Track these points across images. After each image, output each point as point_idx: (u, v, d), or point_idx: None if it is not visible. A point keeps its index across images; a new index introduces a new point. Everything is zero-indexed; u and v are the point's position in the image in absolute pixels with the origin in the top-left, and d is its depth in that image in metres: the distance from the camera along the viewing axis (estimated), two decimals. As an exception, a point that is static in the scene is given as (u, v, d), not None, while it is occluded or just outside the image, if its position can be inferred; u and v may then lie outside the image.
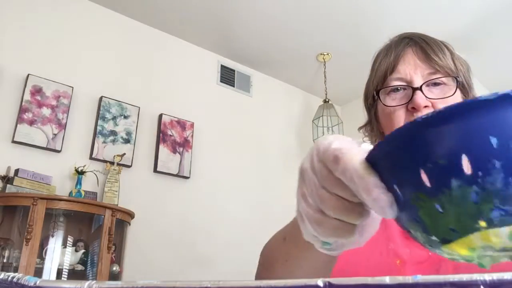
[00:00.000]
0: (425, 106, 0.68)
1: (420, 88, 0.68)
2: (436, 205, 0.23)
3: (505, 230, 0.22)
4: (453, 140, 0.22)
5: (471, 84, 0.76)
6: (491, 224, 0.22)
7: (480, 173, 0.21)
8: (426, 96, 0.68)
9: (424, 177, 0.23)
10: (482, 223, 0.22)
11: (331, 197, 0.32)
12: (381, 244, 0.62)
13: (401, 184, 0.26)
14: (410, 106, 0.69)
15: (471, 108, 0.21)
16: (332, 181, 0.32)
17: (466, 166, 0.21)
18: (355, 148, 0.31)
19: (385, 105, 0.72)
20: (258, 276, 0.65)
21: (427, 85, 0.69)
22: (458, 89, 0.70)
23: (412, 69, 0.70)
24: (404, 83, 0.71)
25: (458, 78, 0.70)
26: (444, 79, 0.70)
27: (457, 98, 0.71)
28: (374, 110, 0.79)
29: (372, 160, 0.28)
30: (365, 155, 0.29)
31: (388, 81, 0.72)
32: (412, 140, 0.24)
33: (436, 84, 0.70)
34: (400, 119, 0.70)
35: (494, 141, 0.21)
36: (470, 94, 0.75)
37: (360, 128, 0.86)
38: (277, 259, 0.58)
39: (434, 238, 0.25)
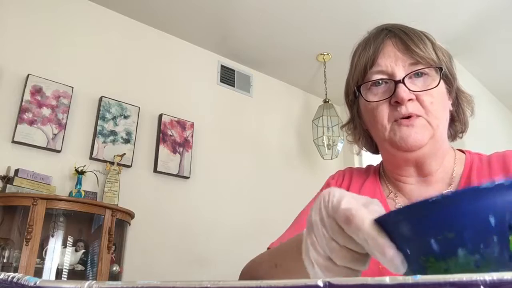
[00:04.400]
0: (409, 100, 0.65)
1: (402, 81, 0.65)
2: (444, 267, 0.28)
3: None
4: (460, 218, 0.27)
5: (454, 74, 0.73)
6: None
7: (482, 245, 0.27)
8: (409, 89, 0.65)
9: (434, 245, 0.28)
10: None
11: (341, 249, 0.35)
12: None
13: (412, 248, 0.31)
14: (393, 100, 0.66)
15: (475, 194, 0.27)
16: (343, 237, 0.35)
17: (470, 239, 0.27)
18: (363, 209, 0.34)
19: (367, 100, 0.70)
20: None
21: (410, 77, 0.66)
22: (441, 80, 0.67)
23: (392, 61, 0.68)
24: (385, 76, 0.68)
25: (441, 69, 0.68)
26: (426, 70, 0.67)
27: (441, 89, 0.68)
28: (356, 106, 0.76)
29: (380, 222, 0.33)
30: (372, 216, 0.33)
31: (368, 75, 0.69)
32: (425, 216, 0.29)
33: (418, 75, 0.67)
34: (384, 114, 0.68)
35: (492, 220, 0.26)
36: (454, 85, 0.73)
37: (342, 126, 0.84)
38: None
39: None
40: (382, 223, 0.32)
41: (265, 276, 0.59)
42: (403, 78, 0.66)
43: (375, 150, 0.81)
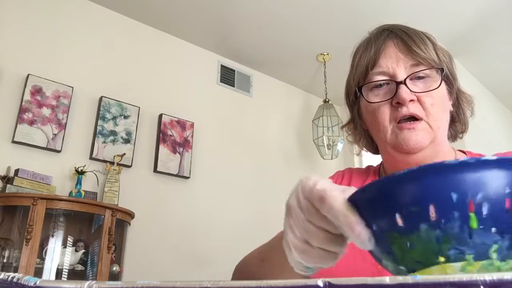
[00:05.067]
0: (411, 100, 0.65)
1: (404, 82, 0.65)
2: (407, 242, 0.29)
3: (458, 264, 0.28)
4: (424, 194, 0.28)
5: (454, 74, 0.73)
6: (448, 259, 0.28)
7: (443, 220, 0.27)
8: (410, 90, 0.65)
9: (399, 220, 0.29)
10: (442, 259, 0.28)
11: (317, 230, 0.36)
12: (363, 251, 0.62)
13: (378, 224, 0.32)
14: (395, 101, 0.66)
15: (439, 169, 0.28)
16: (318, 217, 0.36)
17: (432, 214, 0.28)
18: (337, 189, 0.36)
19: (368, 101, 0.69)
20: None
21: (411, 78, 0.66)
22: (442, 81, 0.67)
23: (394, 62, 0.67)
24: (386, 78, 0.68)
25: (442, 70, 0.67)
26: (427, 71, 0.67)
27: (442, 90, 0.68)
28: (356, 107, 0.76)
29: (352, 200, 0.34)
30: (346, 195, 0.34)
31: (370, 76, 0.69)
32: (391, 191, 0.30)
33: (419, 77, 0.67)
34: (385, 115, 0.67)
35: (454, 196, 0.27)
36: (455, 85, 0.72)
37: (343, 126, 0.84)
38: (254, 278, 0.59)
39: (402, 268, 0.31)
40: (354, 202, 0.34)
41: (254, 271, 0.60)
42: (405, 79, 0.66)
43: (375, 150, 0.81)
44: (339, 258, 0.38)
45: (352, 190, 0.36)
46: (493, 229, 0.26)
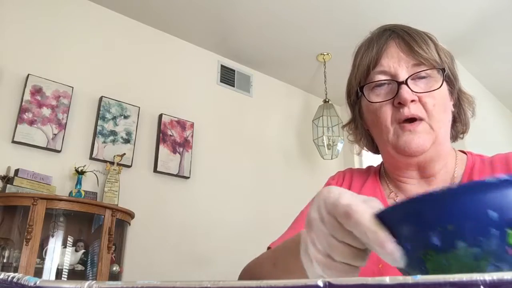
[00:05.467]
0: (412, 101, 0.65)
1: (405, 82, 0.65)
2: (443, 260, 0.29)
3: None
4: (461, 212, 0.28)
5: (456, 75, 0.73)
6: None
7: (481, 238, 0.27)
8: (412, 90, 0.65)
9: (434, 238, 0.29)
10: None
11: (340, 245, 0.35)
12: None
13: (411, 242, 0.31)
14: (396, 101, 0.66)
15: (476, 188, 0.28)
16: (342, 232, 0.35)
17: (470, 232, 0.28)
18: (363, 204, 0.34)
19: (370, 101, 0.69)
20: None
21: (412, 78, 0.66)
22: (444, 81, 0.67)
23: (396, 62, 0.67)
24: (388, 77, 0.68)
25: (444, 70, 0.67)
26: (429, 71, 0.67)
27: (444, 90, 0.68)
28: (358, 107, 0.76)
29: (380, 217, 0.33)
30: (372, 210, 0.33)
31: (371, 76, 0.69)
32: (425, 210, 0.29)
33: (421, 77, 0.67)
34: (387, 115, 0.67)
35: (492, 214, 0.27)
36: (456, 86, 0.72)
37: (344, 126, 0.84)
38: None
39: None
40: (381, 217, 0.33)
41: (265, 276, 0.59)
42: (406, 79, 0.66)
43: (376, 150, 0.81)
44: (359, 271, 0.37)
45: (375, 201, 0.36)
46: None
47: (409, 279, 0.21)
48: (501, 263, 0.27)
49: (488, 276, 0.20)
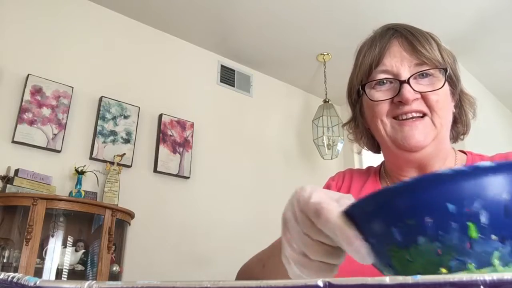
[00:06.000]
0: (414, 99, 0.65)
1: (407, 81, 0.65)
2: (406, 255, 0.29)
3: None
4: (420, 206, 0.27)
5: (458, 76, 0.72)
6: (450, 270, 0.27)
7: (441, 232, 0.27)
8: (414, 89, 0.65)
9: (396, 233, 0.29)
10: (443, 270, 0.27)
11: (314, 243, 0.35)
12: None
13: (376, 238, 0.31)
14: (397, 99, 0.66)
15: (433, 180, 0.27)
16: (314, 230, 0.35)
17: (429, 226, 0.27)
18: (333, 203, 0.34)
19: (371, 99, 0.69)
20: None
21: (414, 78, 0.66)
22: (446, 82, 0.67)
23: (398, 61, 0.67)
24: (390, 76, 0.68)
25: (446, 70, 0.67)
26: (431, 71, 0.67)
27: (446, 90, 0.68)
28: (359, 105, 0.76)
29: (349, 214, 0.33)
30: (341, 208, 0.33)
31: (373, 75, 0.69)
32: (386, 204, 0.29)
33: (423, 75, 0.67)
34: (384, 109, 0.68)
35: (451, 207, 0.26)
36: (458, 86, 0.72)
37: (344, 124, 0.84)
38: None
39: None
40: (350, 215, 0.33)
41: (256, 277, 0.60)
42: (409, 79, 0.65)
43: (376, 149, 0.81)
44: (337, 269, 0.37)
45: (348, 199, 0.36)
46: (493, 236, 0.26)
47: (409, 279, 0.21)
48: (464, 257, 0.26)
49: (488, 276, 0.20)
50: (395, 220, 0.28)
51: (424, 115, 0.66)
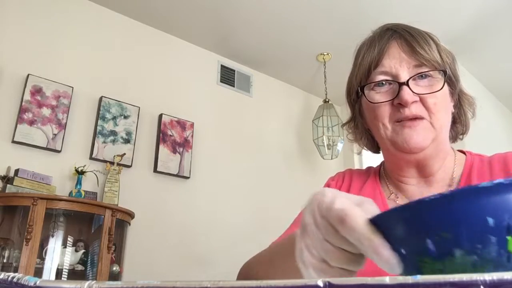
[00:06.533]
0: (413, 102, 0.65)
1: (406, 83, 0.65)
2: (439, 267, 0.28)
3: None
4: (458, 218, 0.27)
5: (457, 76, 0.72)
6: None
7: (479, 246, 0.26)
8: (413, 91, 0.65)
9: (431, 245, 0.28)
10: None
11: (335, 250, 0.34)
12: None
13: (407, 248, 0.30)
14: (396, 101, 0.66)
15: (473, 193, 0.26)
16: (337, 237, 0.34)
17: (467, 239, 0.27)
18: (357, 209, 0.33)
19: (370, 101, 0.69)
20: None
21: (413, 79, 0.66)
22: (445, 82, 0.67)
23: (397, 62, 0.67)
24: (389, 78, 0.68)
25: (445, 72, 0.67)
26: (431, 72, 0.67)
27: (445, 91, 0.68)
28: (358, 105, 0.76)
29: (375, 222, 0.32)
30: (366, 215, 0.32)
31: (372, 76, 0.69)
32: (421, 216, 0.28)
33: (422, 77, 0.67)
34: (385, 113, 0.67)
35: (490, 220, 0.26)
36: (457, 87, 0.72)
37: (343, 125, 0.84)
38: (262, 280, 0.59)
39: None
40: (376, 222, 0.32)
41: (262, 274, 0.59)
42: (407, 81, 0.65)
43: (376, 149, 0.81)
44: (355, 275, 0.36)
45: (369, 203, 0.35)
46: None
47: (409, 279, 0.21)
48: (500, 269, 0.26)
49: (488, 276, 0.20)
50: (431, 232, 0.28)
51: (423, 117, 0.66)
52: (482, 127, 2.92)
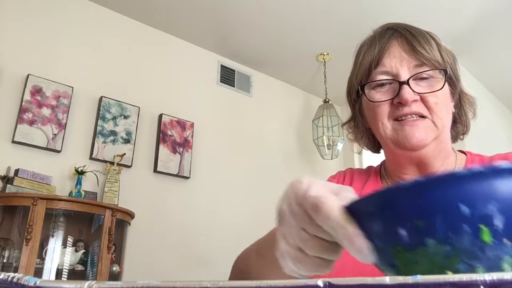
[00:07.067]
0: (414, 101, 0.65)
1: (407, 83, 0.65)
2: (412, 257, 0.27)
3: None
4: (431, 206, 0.26)
5: (458, 76, 0.72)
6: (457, 273, 0.26)
7: (452, 234, 0.25)
8: (413, 90, 0.65)
9: (403, 234, 0.27)
10: (449, 273, 0.26)
11: (311, 238, 0.34)
12: None
13: (380, 237, 0.29)
14: (397, 100, 0.66)
15: (447, 179, 0.26)
16: (312, 225, 0.33)
17: (440, 228, 0.26)
18: (332, 197, 0.32)
19: (370, 100, 0.69)
20: None
21: (414, 79, 0.66)
22: (446, 82, 0.67)
23: (397, 62, 0.67)
24: (389, 77, 0.67)
25: (446, 71, 0.67)
26: (431, 72, 0.66)
27: (445, 91, 0.68)
28: (358, 105, 0.76)
29: (350, 210, 0.31)
30: (342, 203, 0.32)
31: (373, 75, 0.69)
32: (394, 203, 0.28)
33: (423, 78, 0.66)
34: (384, 112, 0.67)
35: (464, 209, 0.25)
36: (458, 86, 0.72)
37: (343, 124, 0.83)
38: (250, 273, 0.59)
39: None
40: (352, 210, 0.31)
41: (251, 267, 0.60)
42: (408, 80, 0.65)
43: (376, 149, 0.81)
44: (333, 265, 0.35)
45: (348, 191, 0.34)
46: (506, 241, 0.25)
47: (409, 279, 0.21)
48: (473, 261, 0.25)
49: (488, 276, 0.20)
50: (403, 219, 0.27)
51: (424, 116, 0.66)
52: (482, 127, 2.92)
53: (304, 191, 0.34)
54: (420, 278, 0.21)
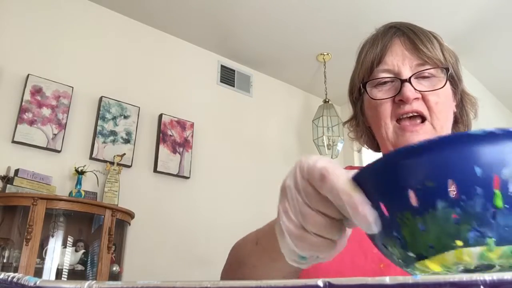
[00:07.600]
0: (415, 98, 0.65)
1: (408, 80, 0.65)
2: (419, 224, 0.26)
3: (477, 250, 0.25)
4: (444, 165, 0.25)
5: (460, 76, 0.72)
6: (466, 243, 0.25)
7: (463, 197, 0.24)
8: (415, 88, 0.65)
9: (413, 197, 0.26)
10: (459, 242, 0.25)
11: (314, 214, 0.33)
12: (366, 247, 0.60)
13: (387, 203, 0.28)
14: (398, 98, 0.66)
15: (461, 140, 0.25)
16: (316, 198, 0.33)
17: (452, 190, 0.24)
18: (340, 168, 0.32)
19: (372, 98, 0.69)
20: (225, 274, 0.65)
21: (416, 77, 0.66)
22: (447, 81, 0.67)
23: (400, 60, 0.67)
24: (391, 75, 0.67)
25: (448, 70, 0.67)
26: (433, 71, 0.66)
27: (447, 90, 0.68)
28: (360, 103, 0.76)
29: (357, 179, 0.30)
30: (350, 173, 0.31)
31: (375, 73, 0.69)
32: (404, 164, 0.26)
33: (425, 76, 0.66)
34: (387, 111, 0.67)
35: (478, 170, 0.24)
36: (460, 86, 0.72)
37: (345, 122, 0.83)
38: (246, 263, 0.59)
39: (410, 254, 0.28)
40: (359, 181, 0.30)
41: (248, 254, 0.59)
42: (410, 78, 0.65)
43: (376, 148, 0.81)
44: (336, 250, 0.35)
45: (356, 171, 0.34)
46: None
47: (409, 279, 0.21)
48: (484, 228, 0.24)
49: (488, 276, 0.20)
50: (414, 181, 0.26)
51: (424, 119, 0.66)
52: (482, 127, 2.92)
53: (311, 164, 0.34)
54: (420, 278, 0.21)
